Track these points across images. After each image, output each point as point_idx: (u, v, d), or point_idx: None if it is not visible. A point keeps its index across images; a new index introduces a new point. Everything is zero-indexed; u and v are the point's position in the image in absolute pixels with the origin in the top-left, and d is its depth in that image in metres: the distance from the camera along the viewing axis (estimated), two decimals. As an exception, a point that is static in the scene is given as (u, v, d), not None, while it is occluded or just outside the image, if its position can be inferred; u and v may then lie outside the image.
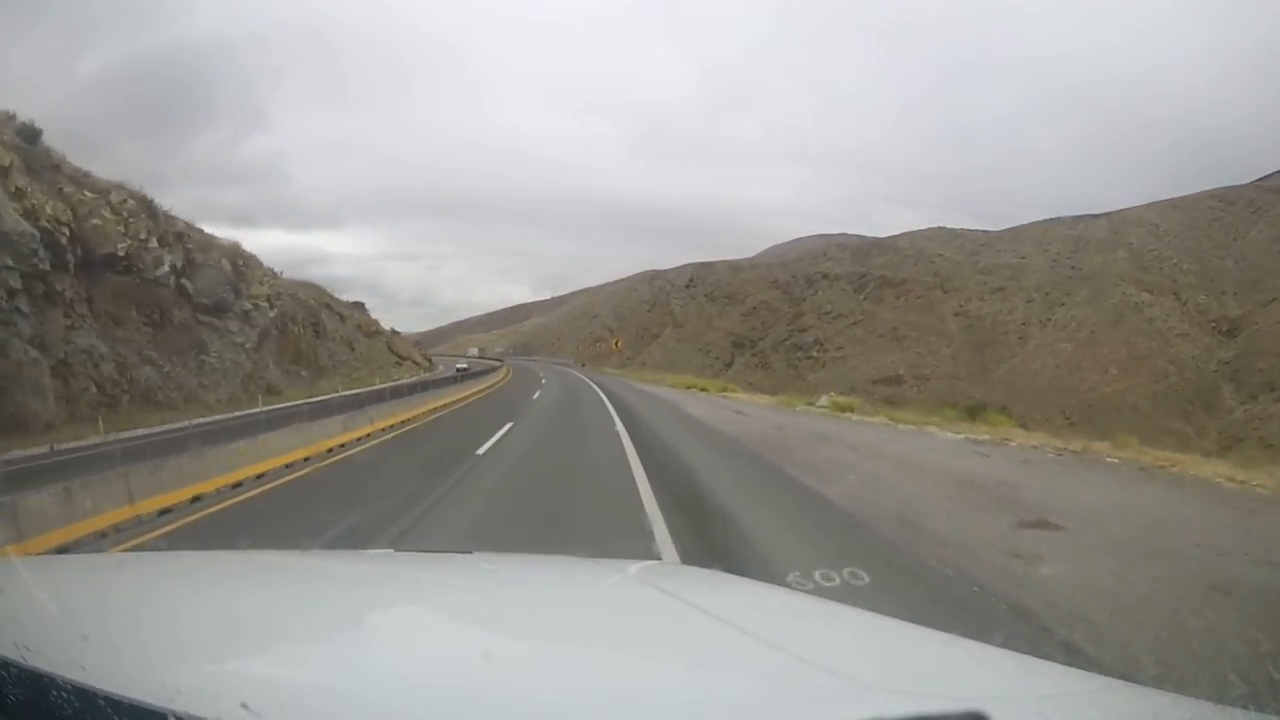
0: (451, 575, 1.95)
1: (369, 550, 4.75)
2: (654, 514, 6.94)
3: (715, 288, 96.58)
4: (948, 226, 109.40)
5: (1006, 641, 1.58)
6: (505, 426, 15.74)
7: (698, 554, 5.62)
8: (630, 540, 5.97)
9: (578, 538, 6.10)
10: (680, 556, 5.53)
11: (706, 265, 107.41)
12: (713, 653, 1.24)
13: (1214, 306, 67.87)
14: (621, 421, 16.98)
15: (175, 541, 6.77)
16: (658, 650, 1.29)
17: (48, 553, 5.88)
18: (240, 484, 9.33)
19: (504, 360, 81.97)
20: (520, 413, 20.13)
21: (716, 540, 6.09)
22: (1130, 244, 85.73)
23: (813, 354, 71.91)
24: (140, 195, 28.83)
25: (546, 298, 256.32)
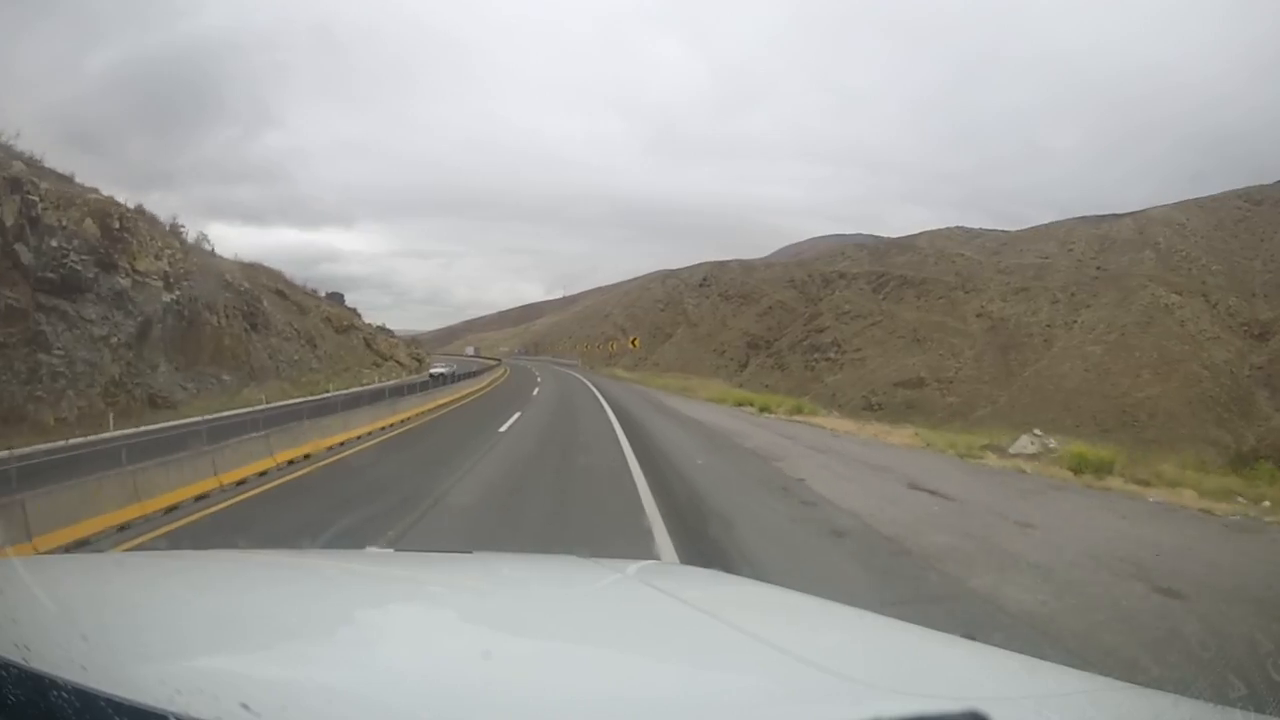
0: (451, 575, 1.96)
1: (369, 550, 4.71)
2: None
3: (729, 287, 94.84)
4: (966, 226, 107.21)
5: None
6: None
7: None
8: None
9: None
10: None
11: (720, 264, 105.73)
12: (713, 653, 1.25)
13: (1244, 309, 65.45)
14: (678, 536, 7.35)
15: None
16: (657, 650, 1.30)
17: None
18: None
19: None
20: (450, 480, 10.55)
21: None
22: (1157, 244, 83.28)
23: (830, 355, 70.00)
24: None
25: (558, 297, 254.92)
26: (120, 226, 26.78)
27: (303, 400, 26.51)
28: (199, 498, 9.11)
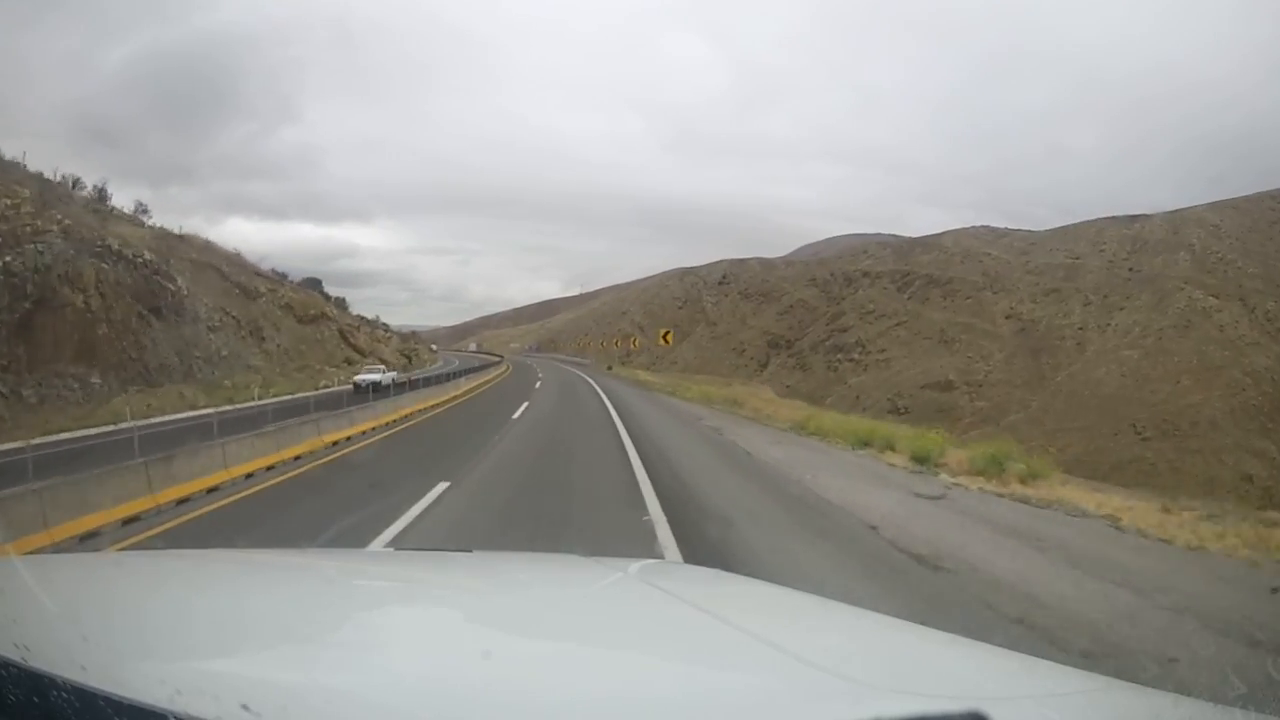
0: (451, 575, 1.95)
1: (369, 550, 4.71)
2: None
3: (749, 285, 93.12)
4: (991, 225, 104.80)
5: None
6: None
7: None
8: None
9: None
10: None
11: (740, 262, 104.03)
12: (713, 652, 1.25)
13: (1282, 314, 63.22)
14: None
15: None
16: (658, 650, 1.30)
17: None
18: None
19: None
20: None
21: None
22: (1191, 245, 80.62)
23: (854, 356, 68.12)
24: None
25: (576, 294, 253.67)
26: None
27: (187, 416, 20.06)
28: None
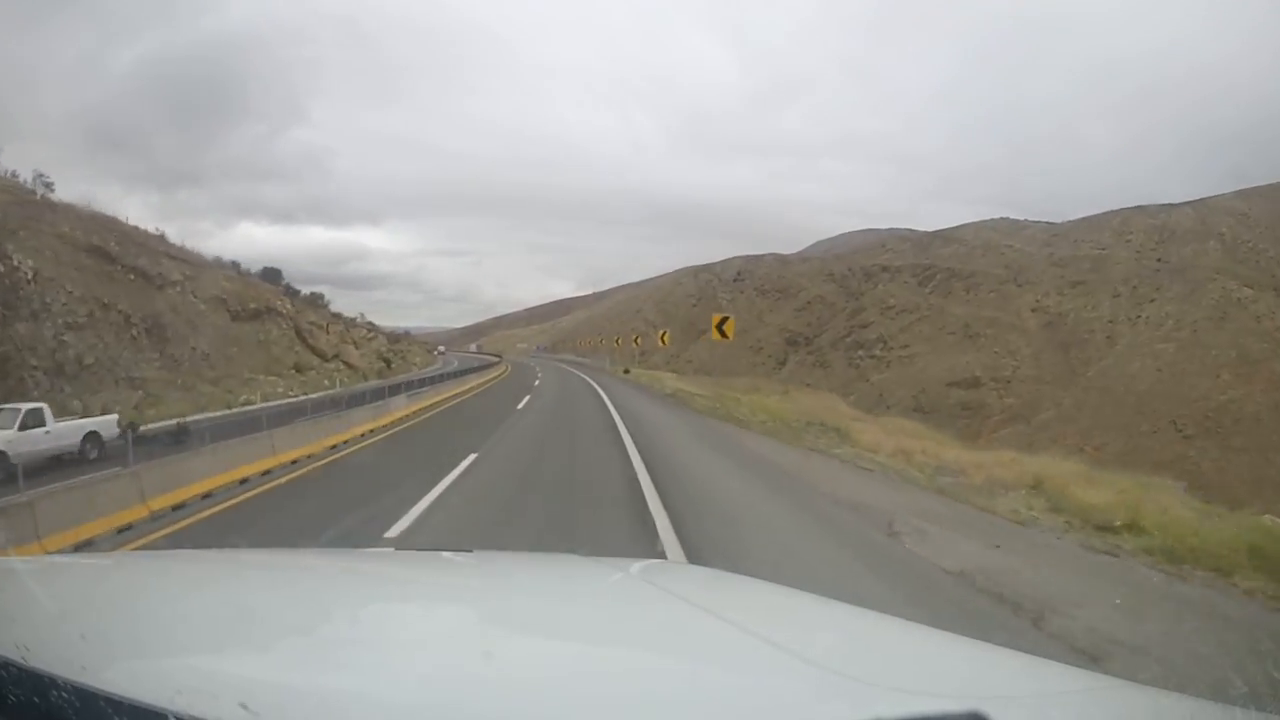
0: (451, 575, 1.95)
1: (369, 549, 4.59)
2: None
3: (765, 281, 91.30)
4: (1010, 217, 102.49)
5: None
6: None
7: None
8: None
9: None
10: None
11: (755, 258, 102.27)
12: (714, 652, 1.25)
13: (1320, 304, 60.83)
14: None
15: None
16: (658, 649, 1.30)
17: None
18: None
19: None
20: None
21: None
22: (1221, 234, 78.23)
23: (876, 353, 66.15)
24: None
25: (588, 293, 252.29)
26: None
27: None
28: None
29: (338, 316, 58.03)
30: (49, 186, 34.72)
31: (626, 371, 49.29)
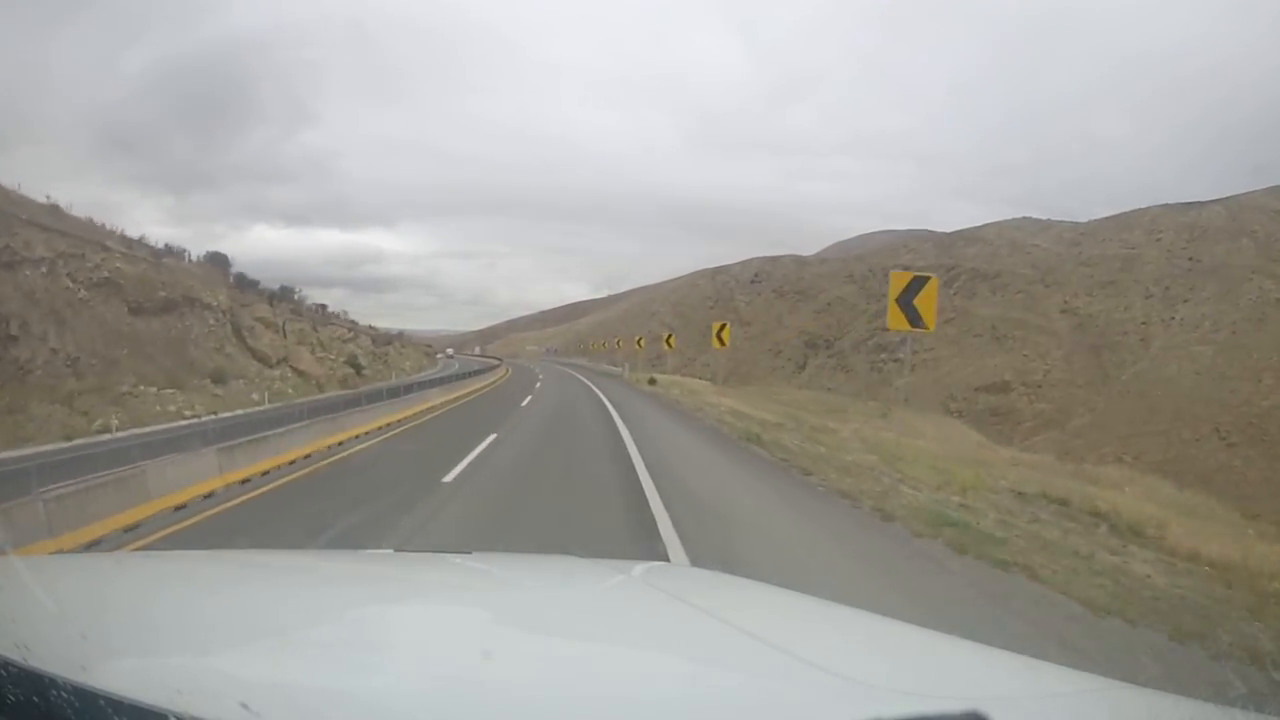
0: (451, 575, 1.95)
1: (369, 550, 4.57)
2: None
3: (783, 283, 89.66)
4: (1033, 217, 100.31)
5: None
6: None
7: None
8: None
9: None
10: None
11: (772, 260, 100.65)
12: (713, 653, 1.25)
13: (1360, 304, 58.50)
14: None
15: None
16: (657, 650, 1.31)
17: None
18: None
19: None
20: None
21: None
22: (1254, 232, 75.49)
23: (899, 356, 64.42)
24: None
25: (603, 296, 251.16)
26: None
27: None
28: None
29: (299, 311, 48.67)
30: None
31: (652, 382, 36.74)
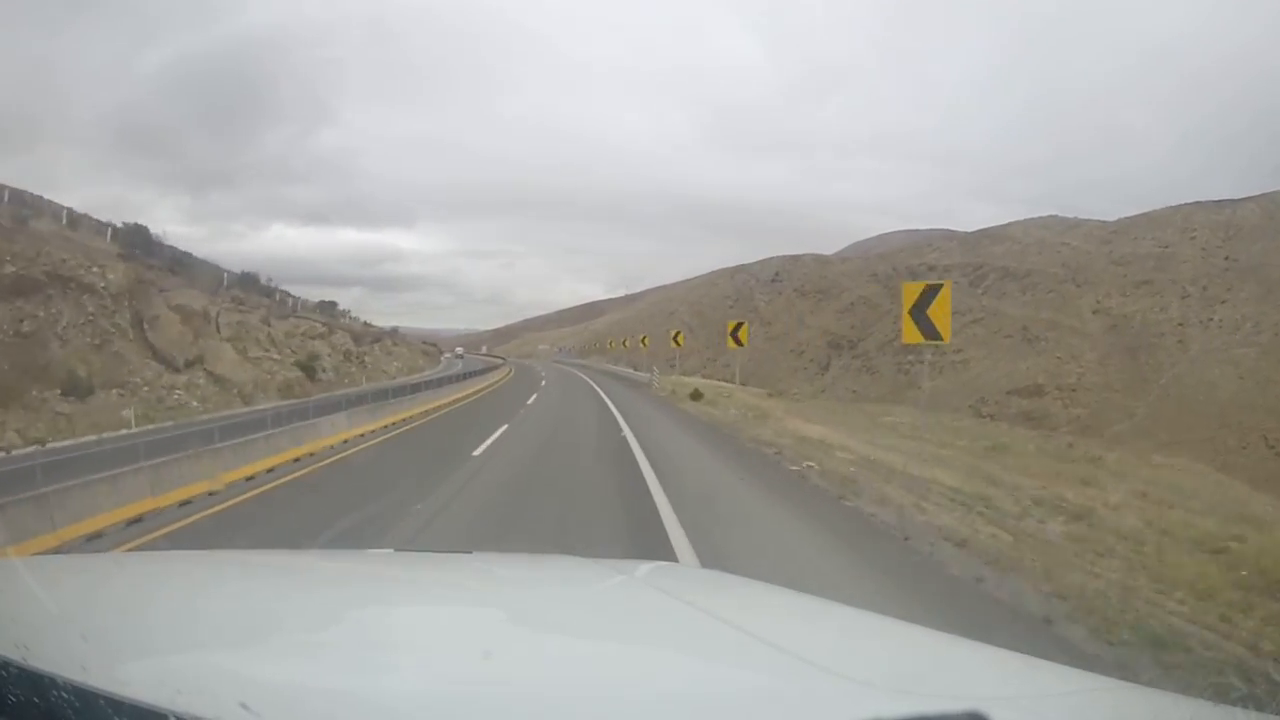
0: (451, 575, 1.94)
1: (369, 550, 4.57)
2: None
3: (804, 282, 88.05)
4: (1060, 215, 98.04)
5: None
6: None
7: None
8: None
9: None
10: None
11: (793, 258, 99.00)
12: (713, 653, 1.26)
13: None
14: None
15: None
16: (658, 650, 1.31)
17: None
18: None
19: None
20: None
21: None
22: (1292, 230, 73.68)
23: (926, 357, 62.70)
24: None
25: (620, 295, 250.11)
26: None
27: None
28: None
29: (242, 299, 40.93)
30: None
31: (697, 396, 24.93)
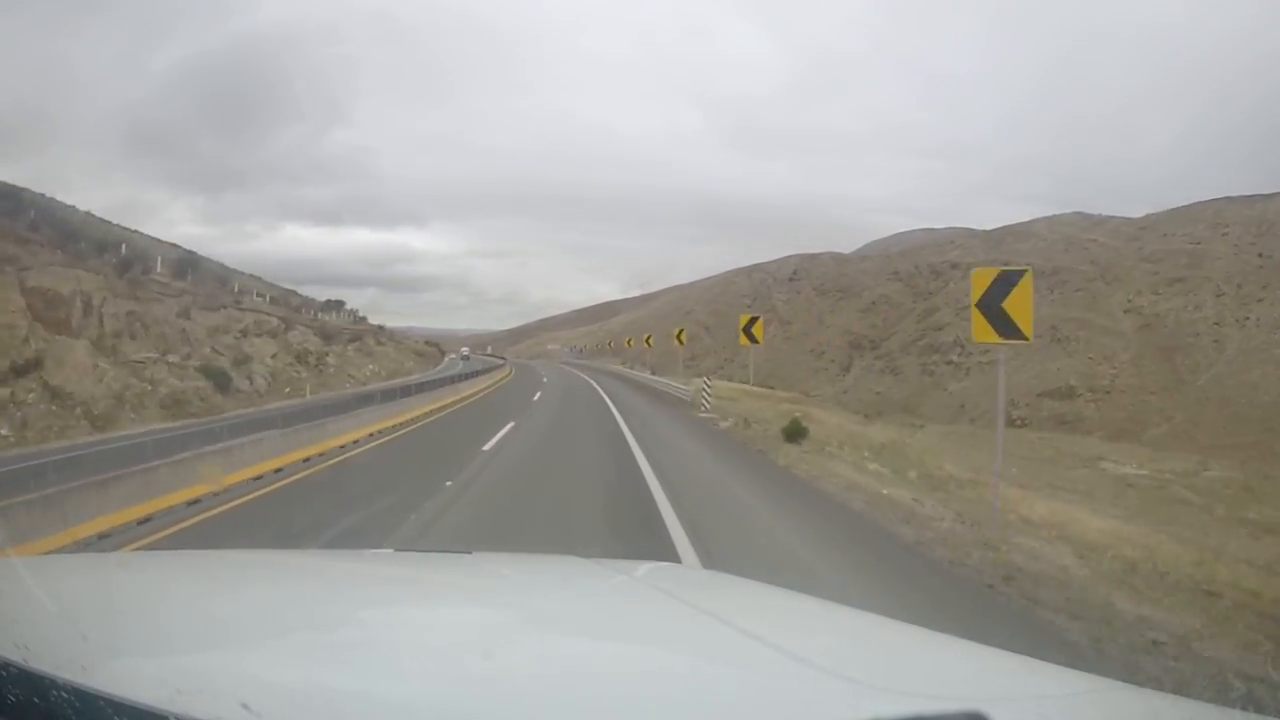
0: (451, 575, 1.93)
1: (369, 550, 4.42)
2: None
3: (824, 281, 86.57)
4: (1085, 212, 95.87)
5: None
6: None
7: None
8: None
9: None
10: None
11: (811, 257, 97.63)
12: (713, 653, 1.25)
13: None
14: None
15: None
16: (657, 650, 1.30)
17: None
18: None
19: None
20: None
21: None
22: (1327, 226, 71.42)
23: (952, 358, 61.01)
24: None
25: (635, 295, 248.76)
26: None
27: None
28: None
29: (165, 284, 35.16)
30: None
31: (795, 435, 14.42)
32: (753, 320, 22.35)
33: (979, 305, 9.21)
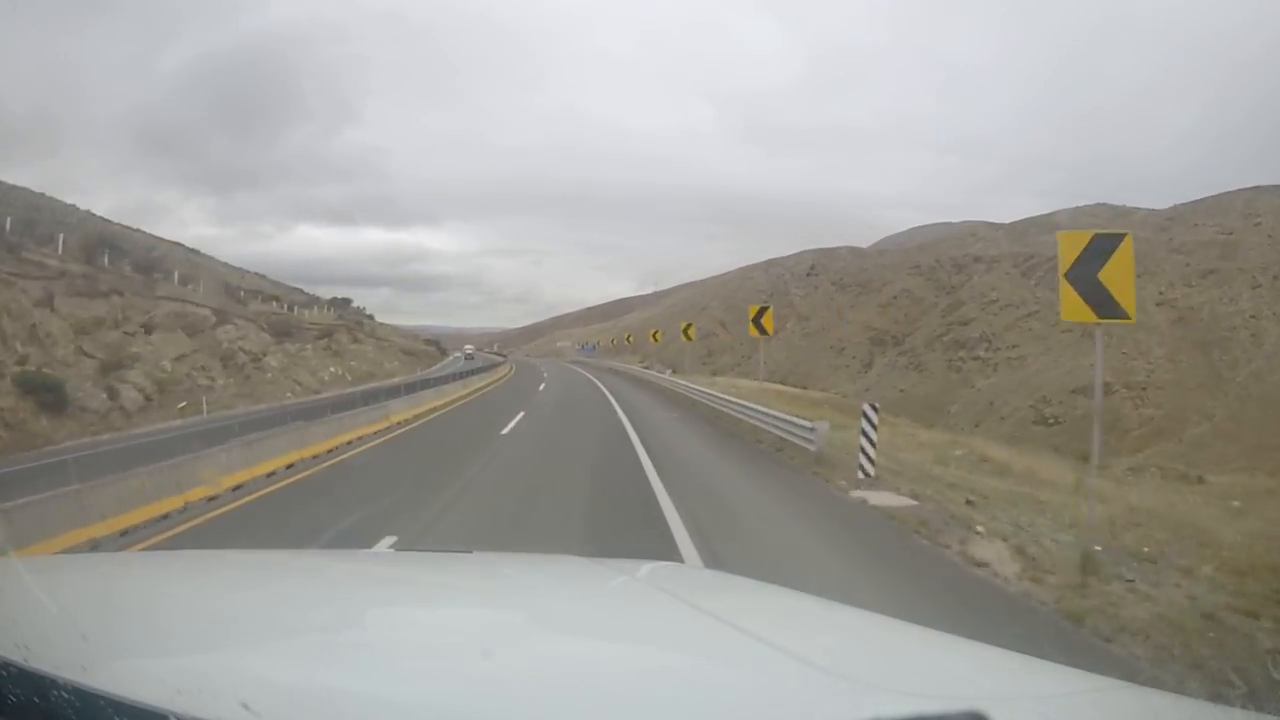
0: (451, 575, 1.93)
1: (369, 550, 4.51)
2: None
3: (842, 275, 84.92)
4: (1109, 203, 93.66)
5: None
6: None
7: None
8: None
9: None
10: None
11: (828, 251, 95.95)
12: (713, 653, 1.26)
13: None
14: None
15: None
16: (657, 650, 1.31)
17: None
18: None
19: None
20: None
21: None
22: (1363, 215, 69.13)
23: (980, 354, 59.33)
24: None
25: (649, 292, 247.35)
26: None
27: None
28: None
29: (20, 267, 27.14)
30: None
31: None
32: (762, 310, 20.14)
33: (1069, 276, 7.79)
